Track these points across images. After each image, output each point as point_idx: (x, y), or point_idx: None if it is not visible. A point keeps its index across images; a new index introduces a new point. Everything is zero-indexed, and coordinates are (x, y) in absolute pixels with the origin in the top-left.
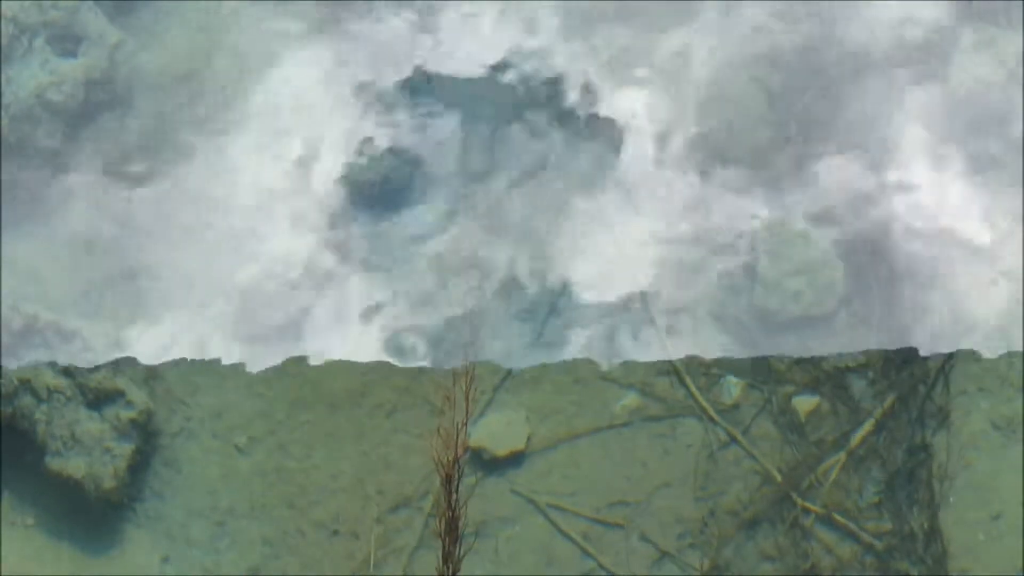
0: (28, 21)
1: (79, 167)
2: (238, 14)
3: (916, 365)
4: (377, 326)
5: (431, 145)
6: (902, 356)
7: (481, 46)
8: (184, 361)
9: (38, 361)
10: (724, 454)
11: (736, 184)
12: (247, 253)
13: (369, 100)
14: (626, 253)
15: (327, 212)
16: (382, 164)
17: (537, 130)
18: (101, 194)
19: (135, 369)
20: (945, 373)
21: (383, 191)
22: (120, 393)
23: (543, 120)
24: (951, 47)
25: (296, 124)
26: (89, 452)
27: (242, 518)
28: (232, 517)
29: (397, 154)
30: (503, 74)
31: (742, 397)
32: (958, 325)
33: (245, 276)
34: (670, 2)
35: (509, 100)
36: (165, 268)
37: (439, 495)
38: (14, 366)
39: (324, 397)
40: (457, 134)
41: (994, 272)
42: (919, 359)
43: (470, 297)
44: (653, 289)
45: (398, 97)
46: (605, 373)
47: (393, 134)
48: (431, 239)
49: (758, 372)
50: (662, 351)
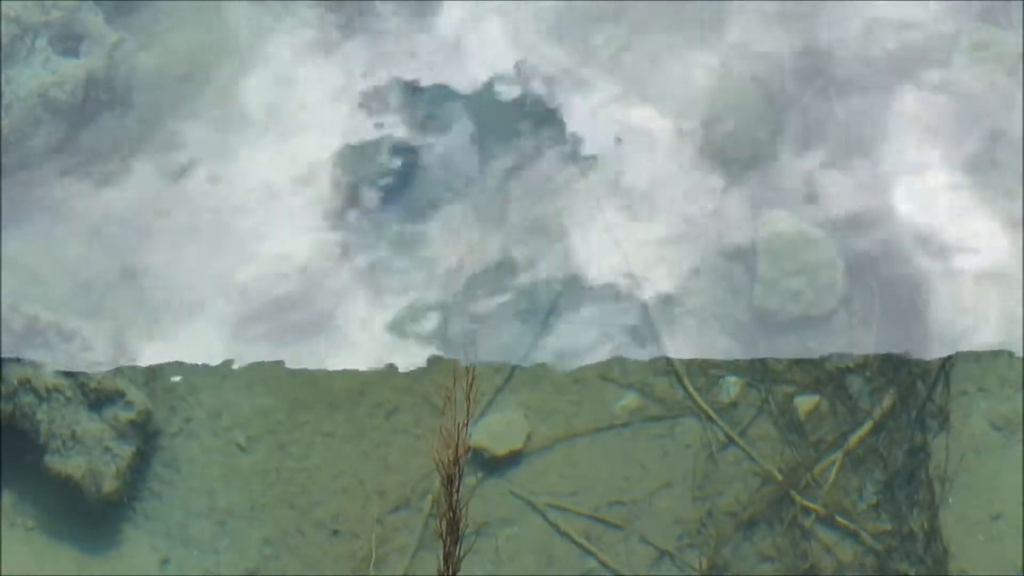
0: (29, 21)
1: (79, 167)
2: (238, 14)
3: (915, 365)
4: (377, 326)
5: (431, 145)
6: (902, 356)
7: (482, 46)
8: (184, 361)
9: (38, 363)
10: (723, 454)
11: (736, 184)
12: (247, 253)
13: (369, 100)
14: (626, 253)
15: (327, 212)
16: (382, 164)
17: (537, 130)
18: (101, 194)
19: (135, 369)
20: (945, 373)
21: (383, 191)
22: (120, 393)
23: (543, 120)
24: (951, 47)
25: (296, 124)
26: (89, 452)
27: (242, 518)
28: (232, 517)
29: (397, 154)
30: (503, 74)
31: (741, 397)
32: (958, 325)
33: (245, 276)
34: (670, 2)
35: (509, 100)
36: (165, 268)
37: (439, 495)
38: (14, 366)
39: (324, 397)
40: (457, 134)
41: (994, 272)
42: (918, 359)
43: (470, 297)
44: (653, 289)
45: (398, 97)
46: (604, 373)
47: (393, 134)
48: (431, 239)
49: (757, 372)
50: (661, 351)
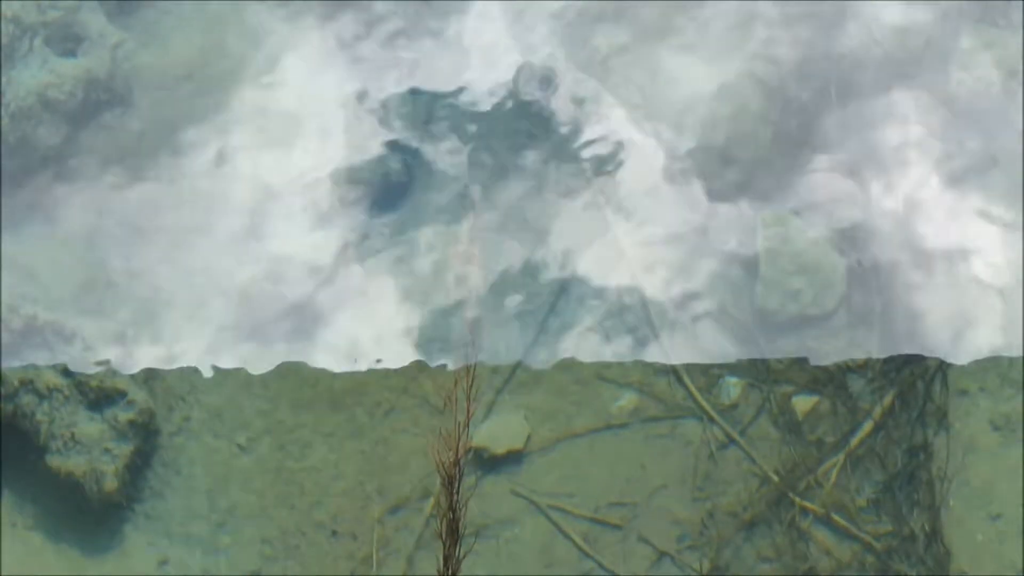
0: (28, 21)
1: (79, 167)
2: (238, 14)
3: (915, 364)
4: (377, 326)
5: (431, 146)
6: (901, 356)
7: (482, 47)
8: (184, 361)
9: (37, 363)
10: (723, 454)
11: (736, 183)
12: (247, 253)
13: (370, 100)
14: (626, 253)
15: (327, 213)
16: (383, 164)
17: (538, 130)
18: (101, 194)
19: (135, 369)
20: (944, 372)
21: (384, 192)
22: (120, 393)
23: (543, 120)
24: (951, 47)
25: (296, 124)
26: (89, 452)
27: (242, 518)
28: (232, 517)
29: (397, 154)
30: (504, 74)
31: (741, 397)
32: (958, 325)
33: (245, 276)
34: (670, 2)
35: (510, 100)
36: (165, 268)
37: (439, 496)
38: (14, 366)
39: (324, 397)
40: (457, 135)
41: (994, 272)
42: (918, 359)
43: (470, 297)
44: (653, 289)
45: (400, 99)
46: (604, 373)
47: (394, 134)
48: (431, 241)
49: (758, 372)
50: (661, 351)
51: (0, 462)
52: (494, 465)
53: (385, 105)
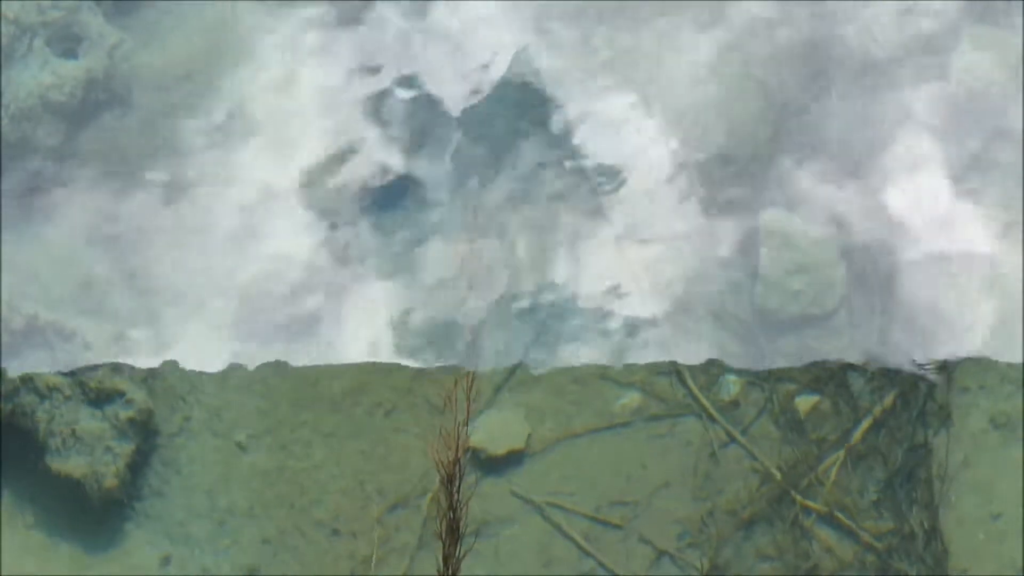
0: (28, 21)
1: (79, 167)
2: (238, 14)
3: (915, 364)
4: (377, 326)
5: (431, 146)
6: (902, 355)
7: (482, 47)
8: (184, 361)
9: (37, 363)
10: (724, 453)
11: (735, 183)
12: (247, 253)
13: (369, 100)
14: (626, 252)
15: (327, 212)
16: (382, 165)
17: (536, 130)
18: (101, 194)
19: (135, 368)
20: (945, 371)
21: (383, 191)
22: (120, 392)
23: (542, 120)
24: (951, 47)
25: (296, 124)
26: (89, 451)
27: (242, 517)
28: (232, 516)
29: (397, 155)
30: (503, 74)
31: (742, 396)
32: (958, 324)
33: (245, 276)
34: (670, 2)
35: (509, 100)
36: (165, 268)
37: (438, 495)
38: (14, 365)
39: (324, 397)
40: (457, 135)
41: (994, 271)
42: (919, 358)
43: (470, 297)
44: (653, 289)
45: (398, 98)
46: (604, 372)
47: (393, 134)
48: (431, 239)
49: (758, 371)
50: (662, 350)
51: (0, 461)
52: (494, 465)
53: (385, 104)
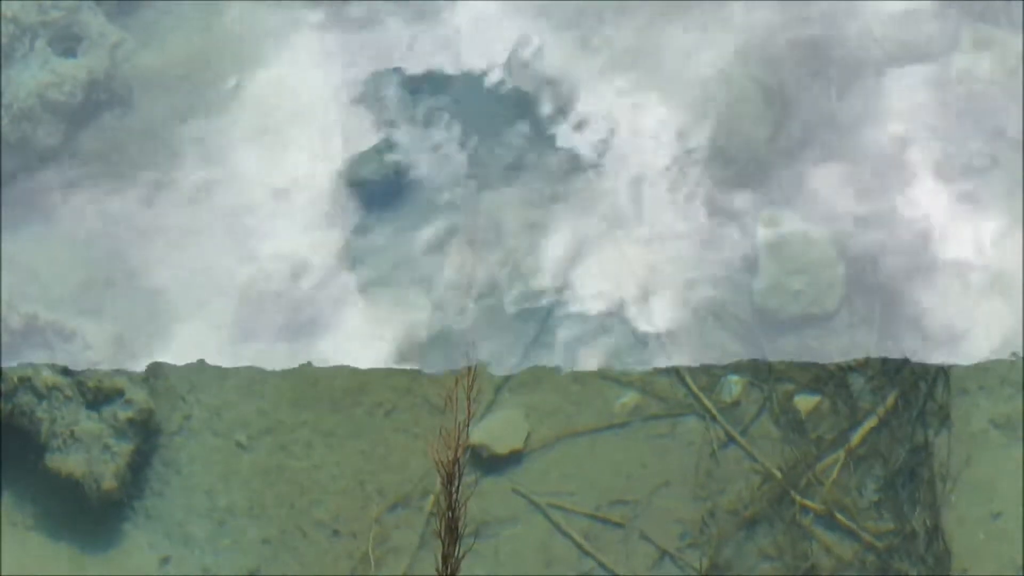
0: (28, 21)
1: (79, 167)
2: (238, 14)
3: (916, 364)
4: (377, 326)
5: (431, 146)
6: (902, 356)
7: (482, 47)
8: (184, 361)
9: (37, 363)
10: (724, 453)
11: (735, 183)
12: (247, 253)
13: (369, 100)
14: (626, 252)
15: (327, 212)
16: (382, 164)
17: (536, 130)
18: (101, 194)
19: (135, 368)
20: (945, 371)
21: (383, 191)
22: (120, 392)
23: (542, 120)
24: (951, 47)
25: (296, 124)
26: (89, 451)
27: (242, 517)
28: (232, 516)
29: (397, 154)
30: (503, 74)
31: (742, 395)
32: (958, 325)
33: (245, 276)
34: (669, 2)
35: (509, 100)
36: (165, 268)
37: (439, 495)
38: (14, 365)
39: (324, 396)
40: (457, 134)
41: (994, 271)
42: (919, 358)
43: (470, 297)
44: (653, 288)
45: (398, 97)
46: (604, 372)
47: (393, 134)
48: (430, 239)
49: (758, 370)
50: (662, 350)
51: (0, 461)
52: (494, 464)
53: (384, 103)
